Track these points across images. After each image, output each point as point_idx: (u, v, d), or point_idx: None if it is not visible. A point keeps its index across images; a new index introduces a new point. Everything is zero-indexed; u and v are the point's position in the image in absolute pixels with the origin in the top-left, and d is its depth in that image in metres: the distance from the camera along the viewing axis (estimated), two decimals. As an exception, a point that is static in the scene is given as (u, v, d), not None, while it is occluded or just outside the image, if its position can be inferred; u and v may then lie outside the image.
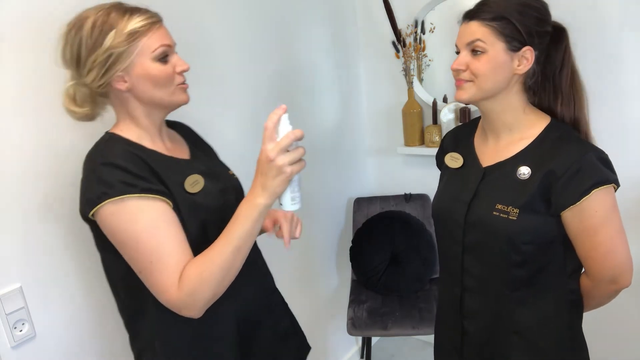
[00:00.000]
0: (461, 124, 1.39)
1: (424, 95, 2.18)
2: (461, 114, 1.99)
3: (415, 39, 2.10)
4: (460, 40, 1.01)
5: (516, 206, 0.99)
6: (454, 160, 1.16)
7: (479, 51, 0.98)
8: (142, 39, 0.88)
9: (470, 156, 1.14)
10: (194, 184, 0.95)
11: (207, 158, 1.10)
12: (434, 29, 2.08)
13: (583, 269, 1.06)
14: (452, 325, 1.16)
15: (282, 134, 0.82)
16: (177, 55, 0.95)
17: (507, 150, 1.05)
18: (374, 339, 2.52)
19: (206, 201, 0.96)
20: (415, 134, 2.19)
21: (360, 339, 2.50)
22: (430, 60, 2.15)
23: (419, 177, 2.30)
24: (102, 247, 0.94)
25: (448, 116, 2.05)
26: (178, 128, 1.11)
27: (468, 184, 1.09)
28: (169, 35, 0.93)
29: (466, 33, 0.99)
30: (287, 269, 1.94)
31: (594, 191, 0.93)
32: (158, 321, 0.94)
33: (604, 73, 1.66)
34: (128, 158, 0.88)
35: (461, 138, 1.20)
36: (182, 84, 0.96)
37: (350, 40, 2.29)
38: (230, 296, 0.92)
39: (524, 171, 1.00)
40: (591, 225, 0.96)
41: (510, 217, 0.99)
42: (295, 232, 1.08)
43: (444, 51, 2.11)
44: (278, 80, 1.88)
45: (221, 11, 1.61)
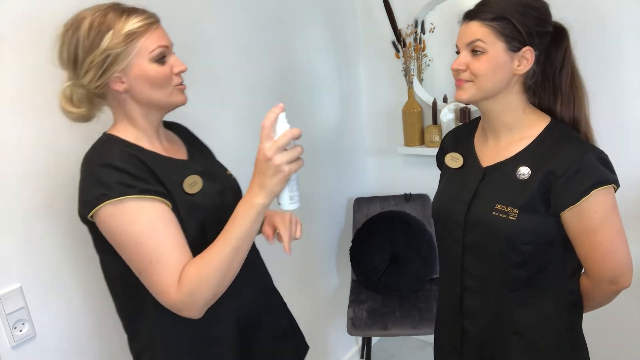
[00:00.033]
0: (461, 124, 1.39)
1: (424, 95, 2.18)
2: (461, 114, 1.99)
3: (415, 39, 2.10)
4: (460, 40, 1.01)
5: (516, 206, 0.99)
6: (454, 160, 1.16)
7: (479, 51, 0.98)
8: (139, 39, 0.88)
9: (470, 156, 1.14)
10: (192, 184, 0.95)
11: (205, 159, 1.10)
12: (434, 29, 2.08)
13: (583, 270, 1.06)
14: (452, 325, 1.16)
15: (280, 133, 0.81)
16: (175, 56, 0.95)
17: (507, 150, 1.05)
18: (374, 339, 2.52)
19: (205, 202, 0.95)
20: (415, 134, 2.19)
21: (360, 339, 2.50)
22: (430, 60, 2.15)
23: (419, 177, 2.30)
24: (101, 248, 0.94)
25: (448, 116, 2.05)
26: (175, 129, 1.10)
27: (468, 184, 1.09)
28: (166, 36, 0.93)
29: (466, 33, 0.99)
30: (287, 269, 1.94)
31: (593, 191, 0.93)
32: (157, 321, 0.94)
33: (604, 73, 1.66)
34: (126, 159, 0.87)
35: (461, 138, 1.20)
36: (179, 84, 0.95)
37: (350, 40, 2.29)
38: (230, 296, 0.91)
39: (524, 171, 1.00)
40: (591, 226, 0.96)
41: (510, 217, 0.99)
42: (296, 232, 1.08)
43: (444, 51, 2.11)
44: (278, 80, 1.88)
45: (219, 11, 1.61)
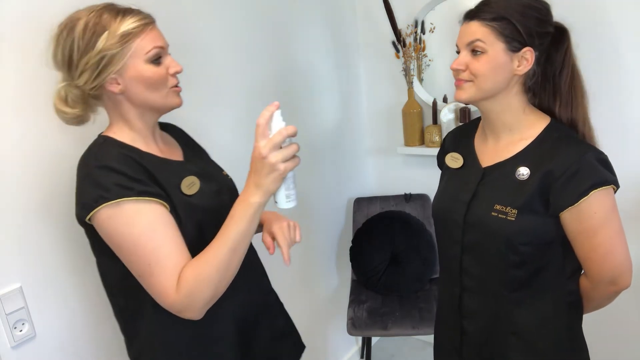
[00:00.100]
0: (462, 124, 1.39)
1: (424, 95, 2.18)
2: (461, 114, 1.99)
3: (415, 39, 2.10)
4: (460, 40, 1.01)
5: (514, 207, 0.99)
6: (454, 160, 1.16)
7: (478, 51, 0.98)
8: (135, 40, 0.87)
9: (470, 156, 1.14)
10: (190, 185, 0.94)
11: (200, 159, 1.09)
12: (434, 29, 2.08)
13: (582, 270, 1.05)
14: (452, 325, 1.16)
15: (275, 131, 0.80)
16: (171, 57, 0.94)
17: (507, 150, 1.05)
18: (374, 339, 2.52)
19: (202, 202, 0.95)
20: (415, 134, 2.19)
21: (360, 339, 2.50)
22: (430, 60, 2.15)
23: (419, 177, 2.30)
24: (98, 250, 0.93)
25: (448, 116, 2.05)
26: (170, 130, 1.10)
27: (467, 184, 1.09)
28: (162, 37, 0.92)
29: (466, 33, 0.99)
30: (287, 269, 1.94)
31: (592, 192, 0.93)
32: (156, 323, 0.94)
33: (604, 73, 1.66)
34: (123, 161, 0.87)
35: (462, 138, 1.20)
36: (175, 86, 0.95)
37: (350, 40, 2.29)
38: (229, 297, 0.91)
39: (523, 172, 1.00)
40: (590, 227, 0.96)
41: (509, 217, 0.99)
42: (296, 236, 1.06)
43: (444, 51, 2.11)
44: (277, 80, 1.88)
45: (218, 11, 1.61)
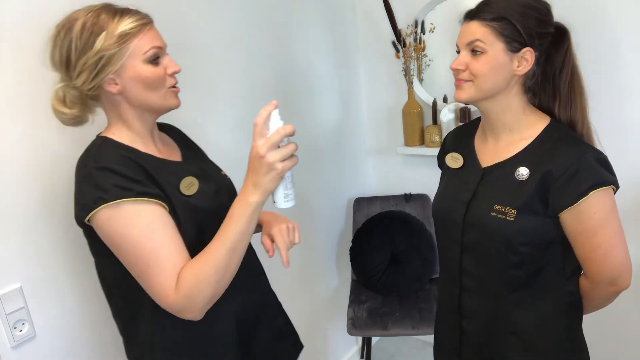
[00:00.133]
0: (462, 124, 1.39)
1: (424, 95, 2.18)
2: (461, 114, 1.99)
3: (415, 39, 2.10)
4: (460, 40, 1.01)
5: (514, 207, 0.99)
6: (454, 160, 1.16)
7: (478, 51, 0.98)
8: (133, 40, 0.87)
9: (470, 156, 1.14)
10: (189, 186, 0.94)
11: (198, 160, 1.09)
12: (434, 29, 2.08)
13: (582, 271, 1.05)
14: (451, 325, 1.16)
15: (273, 130, 0.80)
16: (169, 57, 0.94)
17: (507, 150, 1.05)
18: (374, 339, 2.53)
19: (202, 203, 0.95)
20: (415, 134, 2.19)
21: (360, 339, 2.50)
22: (430, 60, 2.15)
23: (419, 177, 2.30)
24: (97, 251, 0.93)
25: (448, 116, 2.05)
26: (167, 130, 1.10)
27: (467, 184, 1.09)
28: (160, 37, 0.92)
29: (466, 33, 0.99)
30: (288, 269, 1.94)
31: (592, 193, 0.93)
32: (156, 323, 0.94)
33: (604, 73, 1.66)
34: (122, 162, 0.86)
35: (462, 138, 1.20)
36: (173, 86, 0.94)
37: (350, 40, 2.29)
38: (229, 297, 0.91)
39: (523, 172, 1.00)
40: (590, 227, 0.96)
41: (508, 218, 0.99)
42: (295, 238, 1.06)
43: (444, 51, 2.11)
44: (277, 81, 1.88)
45: (217, 11, 1.61)
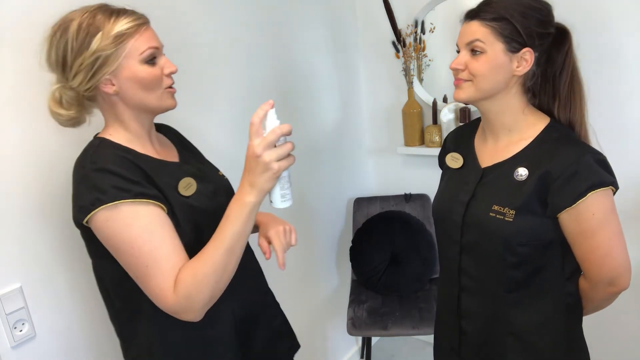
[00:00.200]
0: (463, 124, 1.38)
1: (424, 95, 2.18)
2: (461, 114, 1.99)
3: (415, 39, 2.10)
4: (460, 40, 1.01)
5: (512, 207, 0.99)
6: (454, 160, 1.16)
7: (478, 51, 0.97)
8: (129, 41, 0.87)
9: (470, 156, 1.14)
10: (187, 186, 0.94)
11: (196, 160, 1.09)
12: (434, 29, 2.08)
13: (582, 271, 1.05)
14: (451, 325, 1.16)
15: (269, 130, 0.80)
16: (165, 57, 0.94)
17: (506, 150, 1.05)
18: (374, 339, 2.53)
19: (200, 203, 0.95)
20: (415, 134, 2.19)
21: (360, 339, 2.50)
22: (430, 60, 2.15)
23: (419, 177, 2.30)
24: (95, 253, 0.93)
25: (448, 116, 2.05)
26: (164, 130, 1.10)
27: (467, 184, 1.09)
28: (156, 37, 0.92)
29: (466, 33, 0.99)
30: (287, 269, 1.94)
31: (590, 194, 0.93)
32: (155, 324, 0.93)
33: (604, 73, 1.66)
34: (120, 163, 0.86)
35: (462, 138, 1.20)
36: (170, 87, 0.94)
37: (350, 40, 2.29)
38: (227, 297, 0.91)
39: (522, 172, 1.00)
40: (588, 228, 0.95)
41: (507, 218, 0.99)
42: (292, 240, 1.06)
43: (444, 51, 2.11)
44: (277, 81, 1.88)
45: (216, 11, 1.61)
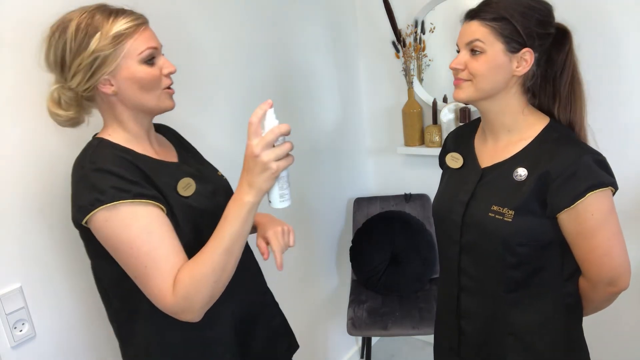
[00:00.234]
0: (463, 124, 1.39)
1: (424, 95, 2.18)
2: (461, 114, 1.99)
3: (415, 39, 2.10)
4: (460, 40, 1.01)
5: (511, 208, 0.99)
6: (454, 160, 1.16)
7: (477, 51, 0.98)
8: (128, 41, 0.86)
9: (470, 156, 1.14)
10: (186, 187, 0.94)
11: (195, 160, 1.09)
12: (434, 29, 2.08)
13: (581, 272, 1.05)
14: (451, 325, 1.16)
15: (268, 129, 0.80)
16: (164, 57, 0.94)
17: (506, 151, 1.05)
18: (374, 339, 2.53)
19: (199, 204, 0.95)
20: (415, 134, 2.19)
21: (360, 339, 2.50)
22: (430, 60, 2.15)
23: (419, 177, 2.30)
24: (93, 253, 0.93)
25: (448, 116, 2.05)
26: (163, 131, 1.10)
27: (466, 184, 1.09)
28: (155, 37, 0.92)
29: (466, 32, 0.99)
30: (287, 269, 1.94)
31: (589, 194, 0.93)
32: (154, 325, 0.93)
33: (604, 73, 1.66)
34: (119, 163, 0.86)
35: (462, 138, 1.20)
36: (168, 87, 0.94)
37: (350, 40, 2.29)
38: (227, 297, 0.91)
39: (521, 172, 1.00)
40: (588, 228, 0.95)
41: (506, 218, 0.99)
42: (290, 241, 1.05)
43: (444, 51, 2.11)
44: (277, 81, 1.88)
45: (215, 11, 1.61)
